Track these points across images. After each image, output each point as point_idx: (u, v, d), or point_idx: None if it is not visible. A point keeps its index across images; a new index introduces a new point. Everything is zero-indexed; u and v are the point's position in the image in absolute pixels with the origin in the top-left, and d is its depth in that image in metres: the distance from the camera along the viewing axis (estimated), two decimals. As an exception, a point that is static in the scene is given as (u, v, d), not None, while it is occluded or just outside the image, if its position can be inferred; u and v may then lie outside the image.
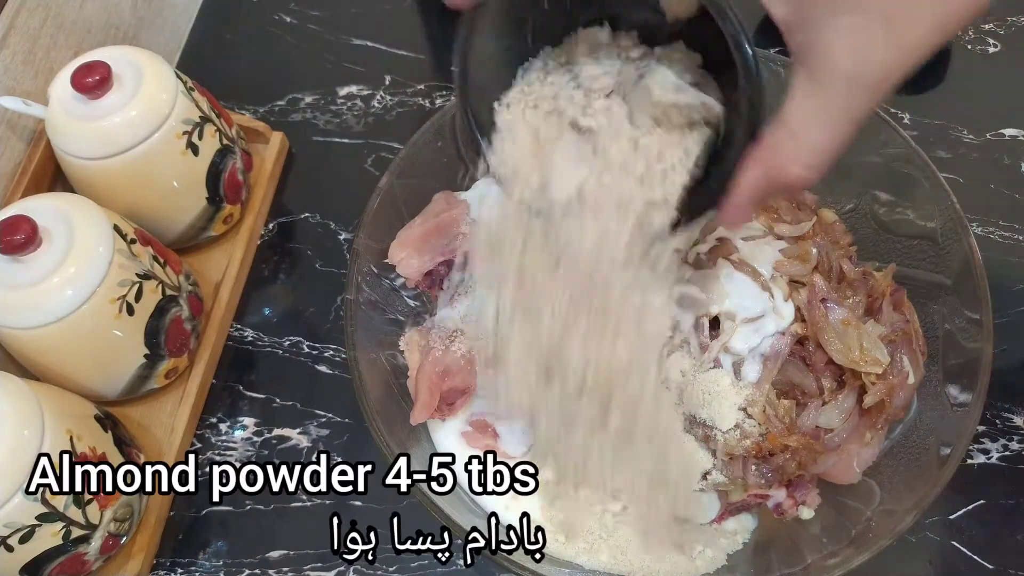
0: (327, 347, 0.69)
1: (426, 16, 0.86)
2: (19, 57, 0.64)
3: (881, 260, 0.60)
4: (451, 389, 0.56)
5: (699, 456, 0.53)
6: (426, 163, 0.62)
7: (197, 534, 0.62)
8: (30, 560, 0.51)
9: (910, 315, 0.56)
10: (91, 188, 0.63)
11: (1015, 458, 0.61)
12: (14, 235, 0.53)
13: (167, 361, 0.63)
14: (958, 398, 0.52)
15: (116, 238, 0.57)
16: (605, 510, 0.54)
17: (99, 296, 0.55)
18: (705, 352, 0.53)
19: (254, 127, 0.75)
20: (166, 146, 0.62)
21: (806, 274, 0.54)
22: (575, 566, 0.54)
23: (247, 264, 0.72)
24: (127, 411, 0.65)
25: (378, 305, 0.59)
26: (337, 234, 0.74)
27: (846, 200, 0.62)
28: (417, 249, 0.58)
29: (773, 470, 0.51)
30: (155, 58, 0.64)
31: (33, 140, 0.67)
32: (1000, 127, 0.75)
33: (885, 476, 0.53)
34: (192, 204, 0.67)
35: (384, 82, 0.81)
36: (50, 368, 0.58)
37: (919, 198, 0.58)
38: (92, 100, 0.60)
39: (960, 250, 0.55)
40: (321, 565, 0.60)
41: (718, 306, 0.53)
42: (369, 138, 0.79)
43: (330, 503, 0.62)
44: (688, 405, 0.52)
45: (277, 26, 0.86)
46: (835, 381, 0.53)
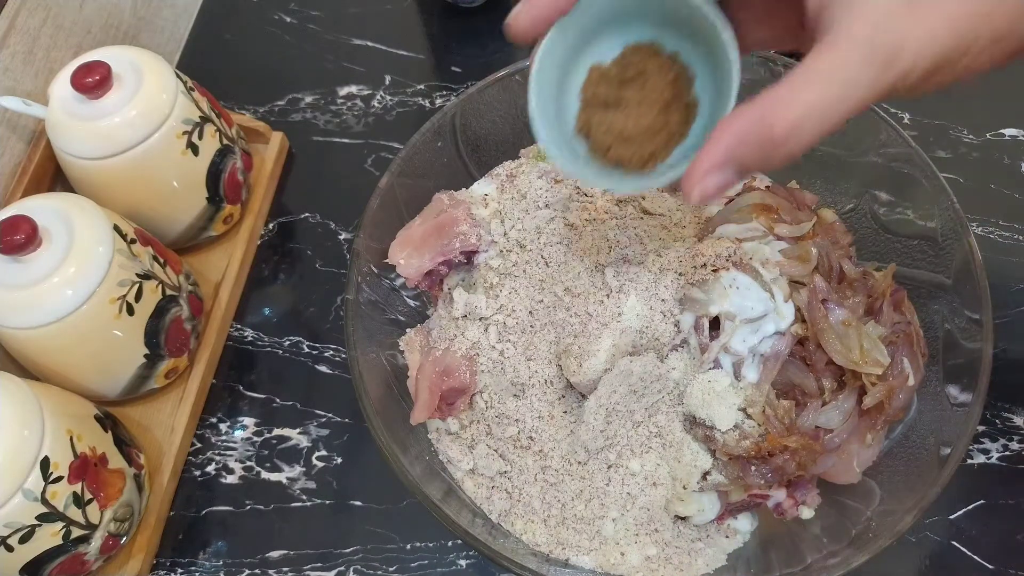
0: (327, 347, 0.69)
1: (426, 16, 0.86)
2: (19, 57, 0.64)
3: (881, 260, 0.60)
4: (451, 389, 0.56)
5: (699, 456, 0.53)
6: (426, 163, 0.62)
7: (197, 534, 0.62)
8: (30, 560, 0.51)
9: (910, 315, 0.56)
10: (91, 188, 0.63)
11: (1015, 458, 0.61)
12: (14, 235, 0.53)
13: (167, 361, 0.63)
14: (958, 398, 0.52)
15: (116, 238, 0.57)
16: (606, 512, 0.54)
17: (99, 296, 0.55)
18: (705, 352, 0.53)
19: (254, 127, 0.75)
20: (166, 146, 0.62)
21: (806, 274, 0.54)
22: (575, 566, 0.54)
23: (247, 264, 0.72)
24: (127, 411, 0.65)
25: (378, 305, 0.59)
26: (337, 234, 0.74)
27: (846, 200, 0.62)
28: (417, 249, 0.58)
29: (773, 470, 0.51)
30: (155, 58, 0.64)
31: (33, 140, 0.67)
32: (1000, 127, 0.75)
33: (885, 476, 0.53)
34: (192, 204, 0.67)
35: (384, 82, 0.82)
36: (50, 368, 0.58)
37: (919, 198, 0.58)
38: (92, 100, 0.60)
39: (960, 250, 0.55)
40: (321, 565, 0.60)
41: (718, 306, 0.53)
42: (369, 138, 0.79)
43: (330, 503, 0.63)
44: (688, 405, 0.52)
45: (277, 26, 0.86)
46: (835, 381, 0.53)
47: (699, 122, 0.40)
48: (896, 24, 0.32)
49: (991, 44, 0.33)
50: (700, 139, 0.39)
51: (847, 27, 0.32)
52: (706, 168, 0.34)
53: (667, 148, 0.41)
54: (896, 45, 0.32)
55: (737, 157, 0.34)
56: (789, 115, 0.32)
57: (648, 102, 0.40)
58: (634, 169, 0.41)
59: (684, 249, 0.55)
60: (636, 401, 0.53)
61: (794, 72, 0.33)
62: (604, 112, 0.41)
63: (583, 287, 0.55)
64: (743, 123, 0.33)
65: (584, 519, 0.54)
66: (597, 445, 0.54)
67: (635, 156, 0.41)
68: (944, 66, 0.33)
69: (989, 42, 0.33)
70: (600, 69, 0.41)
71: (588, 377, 0.52)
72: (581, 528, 0.54)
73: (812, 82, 0.33)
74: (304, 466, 0.64)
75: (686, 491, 0.53)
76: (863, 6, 0.32)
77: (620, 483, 0.54)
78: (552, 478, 0.55)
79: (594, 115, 0.42)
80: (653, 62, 0.40)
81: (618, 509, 0.54)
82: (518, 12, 0.36)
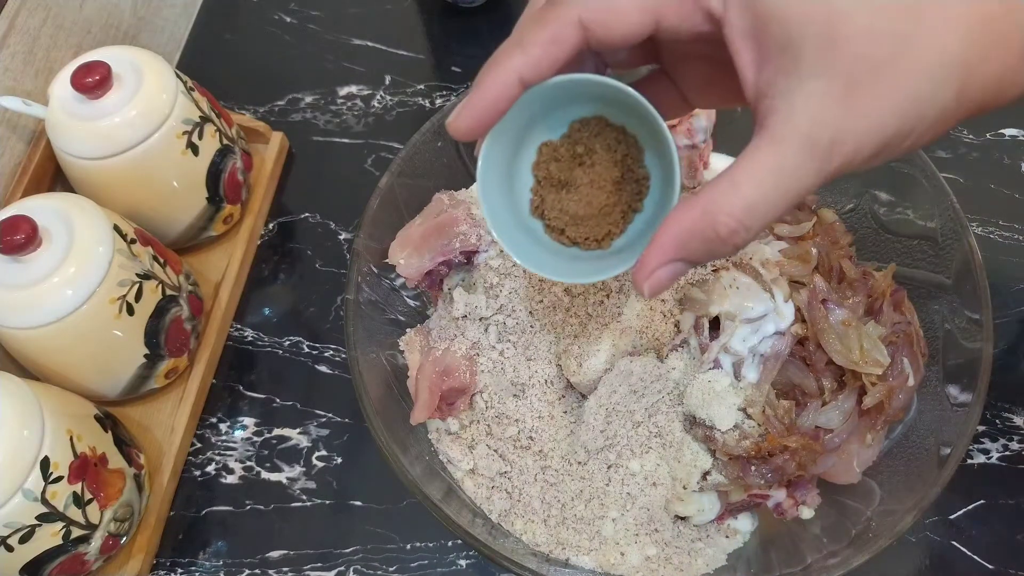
0: (327, 347, 0.69)
1: (426, 16, 0.86)
2: (19, 57, 0.64)
3: (881, 260, 0.60)
4: (451, 389, 0.56)
5: (699, 456, 0.53)
6: (426, 163, 0.62)
7: (197, 534, 0.62)
8: (30, 560, 0.51)
9: (910, 316, 0.56)
10: (91, 188, 0.63)
11: (1015, 458, 0.61)
12: (14, 235, 0.53)
13: (167, 361, 0.63)
14: (958, 398, 0.52)
15: (116, 238, 0.57)
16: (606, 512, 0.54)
17: (99, 296, 0.55)
18: (705, 352, 0.53)
19: (254, 127, 0.75)
20: (166, 146, 0.62)
21: (806, 274, 0.54)
22: (575, 566, 0.54)
23: (247, 264, 0.72)
24: (127, 411, 0.65)
25: (378, 305, 0.59)
26: (337, 234, 0.74)
27: (846, 200, 0.62)
28: (417, 249, 0.58)
29: (773, 470, 0.51)
30: (155, 58, 0.64)
31: (33, 140, 0.67)
32: (1000, 127, 0.75)
33: (885, 476, 0.53)
34: (192, 204, 0.67)
35: (384, 82, 0.82)
36: (50, 368, 0.58)
37: (919, 198, 0.58)
38: (92, 100, 0.60)
39: (960, 250, 0.55)
40: (321, 565, 0.60)
41: (718, 306, 0.53)
42: (369, 138, 0.79)
43: (330, 503, 0.63)
44: (688, 405, 0.52)
45: (277, 26, 0.86)
46: (835, 381, 0.53)
47: (652, 195, 0.41)
48: (833, 118, 0.31)
49: (936, 124, 0.33)
50: (653, 212, 0.40)
51: (785, 119, 0.32)
52: (653, 266, 0.34)
53: (622, 223, 0.41)
54: (836, 139, 0.32)
55: (682, 255, 0.34)
56: (734, 211, 0.32)
57: (599, 183, 0.41)
58: (590, 248, 0.42)
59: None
60: (636, 401, 0.53)
61: (736, 166, 0.33)
62: (557, 193, 0.42)
63: (583, 287, 0.55)
64: (687, 222, 0.33)
65: (584, 519, 0.54)
66: (597, 445, 0.54)
67: (590, 236, 0.41)
68: (889, 148, 0.33)
69: (935, 122, 0.33)
70: (551, 146, 0.42)
71: (588, 377, 0.52)
72: (581, 528, 0.54)
73: (753, 178, 0.32)
74: (304, 466, 0.64)
75: (686, 491, 0.53)
76: (799, 99, 0.32)
77: (620, 483, 0.54)
78: (552, 478, 0.55)
79: (548, 196, 0.42)
80: (601, 139, 0.41)
81: (618, 509, 0.54)
82: (457, 115, 0.36)
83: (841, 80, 0.31)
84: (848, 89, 0.31)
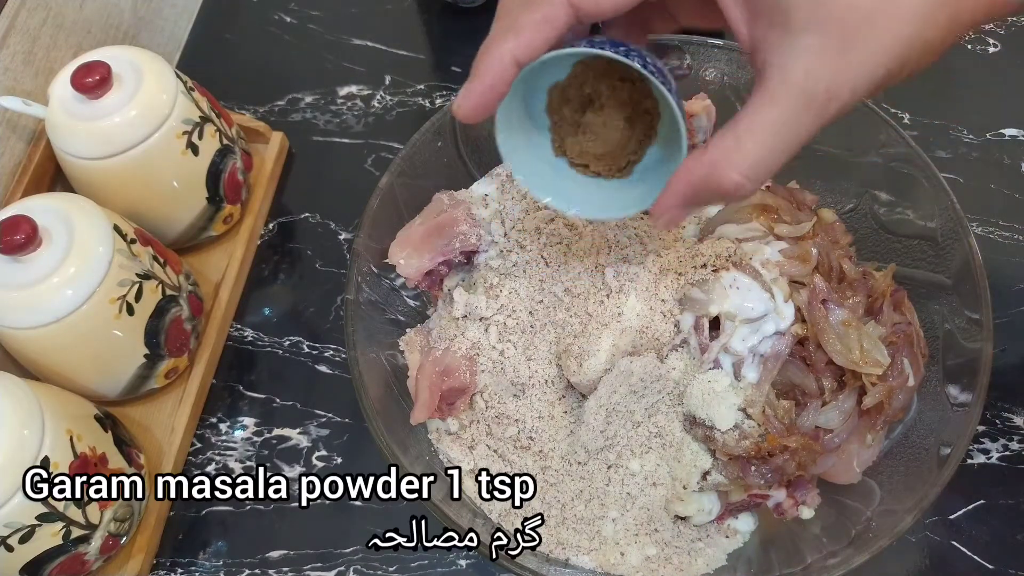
0: (327, 347, 0.69)
1: (426, 16, 0.86)
2: (19, 57, 0.64)
3: (881, 260, 0.60)
4: (451, 389, 0.56)
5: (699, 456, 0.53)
6: (426, 163, 0.62)
7: (197, 534, 0.62)
8: (30, 560, 0.51)
9: (910, 316, 0.56)
10: (91, 188, 0.63)
11: (1015, 458, 0.61)
12: (14, 235, 0.53)
13: (167, 361, 0.63)
14: (958, 398, 0.52)
15: (116, 238, 0.57)
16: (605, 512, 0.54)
17: (99, 296, 0.55)
18: (705, 352, 0.53)
19: (254, 127, 0.75)
20: (166, 146, 0.62)
21: (806, 274, 0.54)
22: (575, 566, 0.54)
23: (247, 264, 0.72)
24: (127, 411, 0.65)
25: (378, 305, 0.59)
26: (337, 234, 0.74)
27: (846, 200, 0.62)
28: (417, 249, 0.58)
29: (773, 470, 0.51)
30: (155, 58, 0.64)
31: (33, 140, 0.67)
32: (1000, 127, 0.75)
33: (885, 476, 0.53)
34: (192, 204, 0.67)
35: (384, 82, 0.82)
36: (50, 368, 0.58)
37: (919, 198, 0.58)
38: (92, 100, 0.60)
39: (960, 250, 0.55)
40: (321, 565, 0.60)
41: (718, 306, 0.53)
42: (369, 138, 0.79)
43: (329, 503, 0.62)
44: (688, 405, 0.52)
45: (277, 26, 0.86)
46: (835, 381, 0.53)
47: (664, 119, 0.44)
48: (828, 71, 0.33)
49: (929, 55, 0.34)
50: (668, 132, 0.43)
51: (780, 76, 0.34)
52: (668, 207, 0.38)
53: (640, 151, 0.46)
54: (831, 90, 0.33)
55: (693, 202, 0.38)
56: (740, 165, 0.35)
57: (612, 123, 0.45)
58: (614, 178, 0.46)
59: (684, 249, 0.55)
60: (636, 401, 0.53)
61: (739, 122, 0.35)
62: (575, 135, 0.46)
63: (583, 287, 0.55)
64: (696, 176, 0.36)
65: (584, 519, 0.54)
66: (597, 445, 0.54)
67: (612, 167, 0.46)
68: (883, 87, 0.34)
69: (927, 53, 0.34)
70: (559, 87, 0.45)
71: (588, 377, 0.52)
72: (581, 528, 0.54)
73: (755, 134, 0.34)
74: (304, 466, 0.64)
75: (686, 491, 0.53)
76: (793, 54, 0.33)
77: (620, 483, 0.54)
78: (552, 478, 0.55)
79: (567, 137, 0.46)
80: (606, 80, 0.44)
81: (618, 509, 0.54)
82: (460, 101, 0.39)
83: (834, 33, 0.32)
84: (841, 42, 0.32)
